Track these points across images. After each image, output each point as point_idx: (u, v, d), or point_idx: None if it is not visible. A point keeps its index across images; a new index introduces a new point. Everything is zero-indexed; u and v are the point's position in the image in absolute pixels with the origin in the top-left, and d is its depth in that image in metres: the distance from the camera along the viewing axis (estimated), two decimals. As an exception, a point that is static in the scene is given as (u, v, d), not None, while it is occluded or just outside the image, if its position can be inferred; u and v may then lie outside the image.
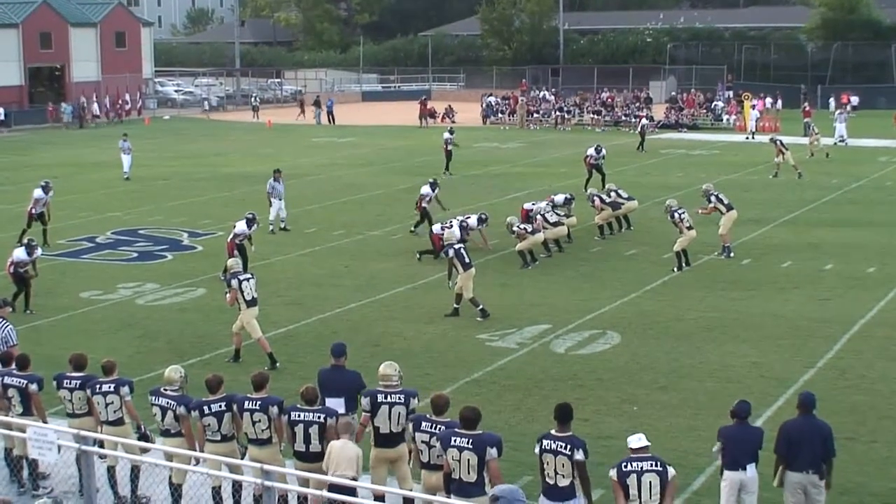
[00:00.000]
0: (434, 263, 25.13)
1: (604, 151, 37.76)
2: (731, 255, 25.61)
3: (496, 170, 43.23)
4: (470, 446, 10.35)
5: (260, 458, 11.31)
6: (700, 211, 26.16)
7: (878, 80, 78.48)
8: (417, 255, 26.03)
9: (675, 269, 24.45)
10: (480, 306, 20.52)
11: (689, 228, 24.74)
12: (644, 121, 54.07)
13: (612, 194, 28.88)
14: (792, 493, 11.21)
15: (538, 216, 26.26)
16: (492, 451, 10.36)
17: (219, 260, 25.62)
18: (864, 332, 19.44)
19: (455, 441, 10.42)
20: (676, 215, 24.80)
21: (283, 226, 30.03)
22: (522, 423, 14.63)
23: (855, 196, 34.85)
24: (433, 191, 29.53)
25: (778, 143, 39.78)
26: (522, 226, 25.58)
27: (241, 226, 23.72)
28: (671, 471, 9.97)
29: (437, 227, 26.14)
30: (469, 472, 10.35)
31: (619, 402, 15.87)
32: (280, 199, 30.08)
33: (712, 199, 25.89)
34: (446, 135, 43.46)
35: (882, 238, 27.90)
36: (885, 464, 13.52)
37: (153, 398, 12.22)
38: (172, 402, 12.06)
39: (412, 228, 29.32)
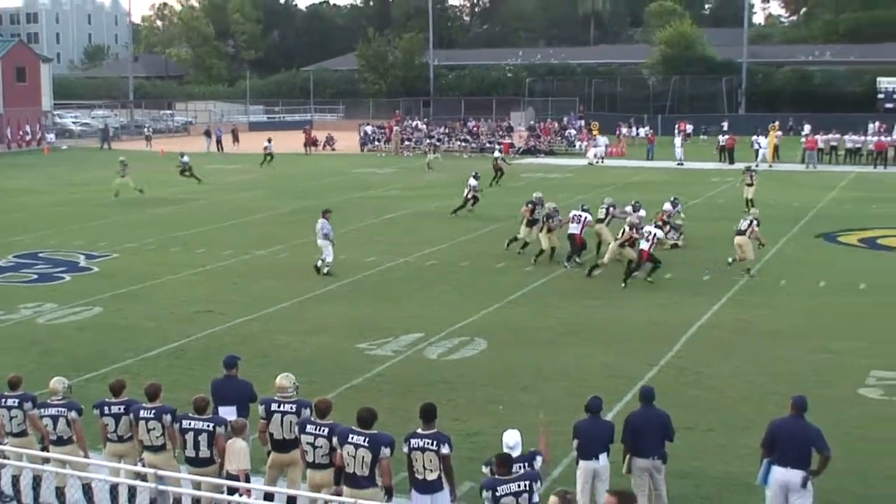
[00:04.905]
0: (322, 278, 25.05)
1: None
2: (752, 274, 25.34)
3: (374, 193, 43.25)
4: (366, 444, 10.34)
5: (155, 463, 11.20)
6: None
7: (711, 110, 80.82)
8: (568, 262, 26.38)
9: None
10: None
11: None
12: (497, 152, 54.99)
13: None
14: (639, 477, 11.47)
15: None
16: (385, 451, 10.36)
17: (114, 280, 25.19)
18: (700, 334, 19.94)
19: (352, 439, 10.40)
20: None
21: (326, 270, 25.54)
22: (399, 424, 14.54)
23: (692, 213, 35.56)
24: (477, 181, 36.55)
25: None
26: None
27: None
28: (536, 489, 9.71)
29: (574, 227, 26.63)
30: (362, 468, 10.34)
31: (486, 402, 15.98)
32: (328, 240, 25.64)
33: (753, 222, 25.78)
34: (185, 158, 46.52)
35: (709, 252, 28.35)
36: (720, 450, 13.87)
37: (41, 410, 11.95)
38: (62, 409, 11.83)
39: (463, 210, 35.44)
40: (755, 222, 25.70)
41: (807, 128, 65.42)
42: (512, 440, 10.21)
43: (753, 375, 17.18)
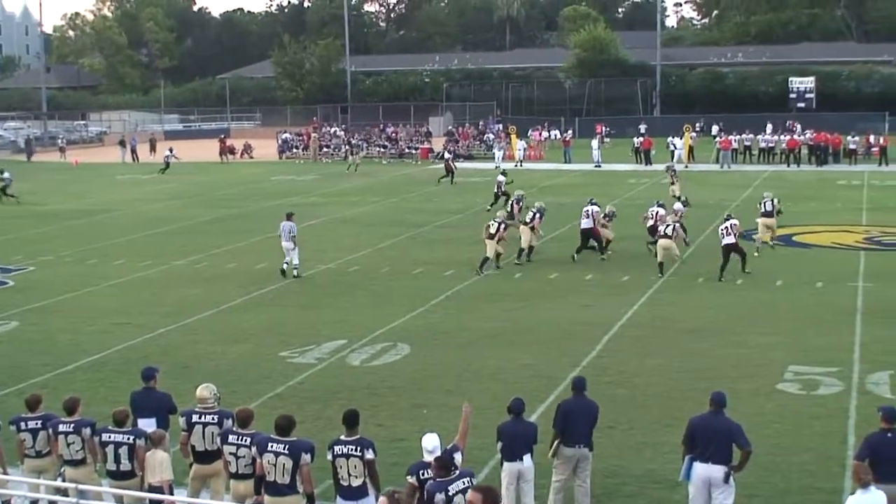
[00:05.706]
0: (249, 285, 24.82)
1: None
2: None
3: (295, 200, 42.91)
4: (286, 452, 10.27)
5: (76, 477, 11.01)
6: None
7: (627, 112, 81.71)
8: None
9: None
10: None
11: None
12: (447, 153, 54.46)
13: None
14: (564, 464, 11.66)
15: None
16: (306, 457, 10.30)
17: (31, 294, 24.72)
18: (621, 333, 20.16)
19: (271, 447, 10.33)
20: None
21: (295, 273, 26.04)
22: (323, 431, 14.51)
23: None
24: (505, 177, 39.55)
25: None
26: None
27: None
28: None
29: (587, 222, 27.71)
30: (283, 476, 10.27)
31: (410, 407, 15.98)
32: (294, 242, 25.80)
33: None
34: (6, 175, 45.58)
35: (638, 248, 28.80)
36: (641, 448, 14.03)
37: None
38: None
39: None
40: (776, 200, 28.32)
41: (715, 128, 66.44)
42: (431, 444, 10.23)
43: (673, 373, 17.42)
